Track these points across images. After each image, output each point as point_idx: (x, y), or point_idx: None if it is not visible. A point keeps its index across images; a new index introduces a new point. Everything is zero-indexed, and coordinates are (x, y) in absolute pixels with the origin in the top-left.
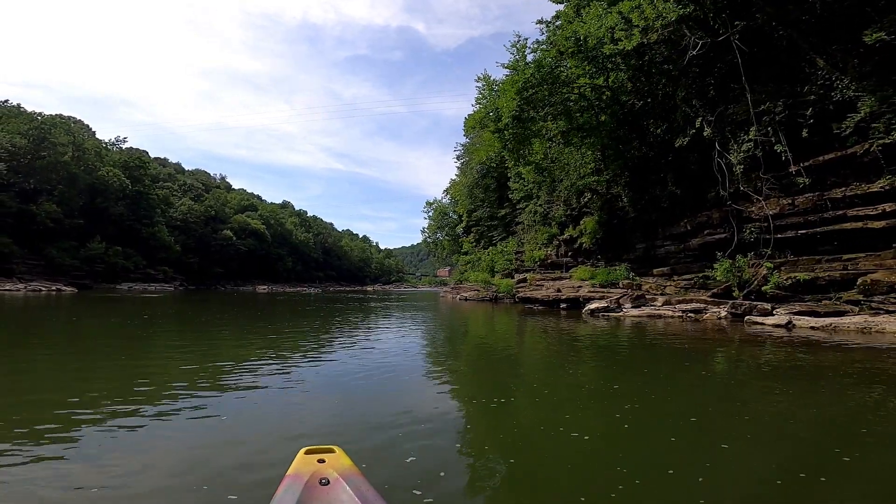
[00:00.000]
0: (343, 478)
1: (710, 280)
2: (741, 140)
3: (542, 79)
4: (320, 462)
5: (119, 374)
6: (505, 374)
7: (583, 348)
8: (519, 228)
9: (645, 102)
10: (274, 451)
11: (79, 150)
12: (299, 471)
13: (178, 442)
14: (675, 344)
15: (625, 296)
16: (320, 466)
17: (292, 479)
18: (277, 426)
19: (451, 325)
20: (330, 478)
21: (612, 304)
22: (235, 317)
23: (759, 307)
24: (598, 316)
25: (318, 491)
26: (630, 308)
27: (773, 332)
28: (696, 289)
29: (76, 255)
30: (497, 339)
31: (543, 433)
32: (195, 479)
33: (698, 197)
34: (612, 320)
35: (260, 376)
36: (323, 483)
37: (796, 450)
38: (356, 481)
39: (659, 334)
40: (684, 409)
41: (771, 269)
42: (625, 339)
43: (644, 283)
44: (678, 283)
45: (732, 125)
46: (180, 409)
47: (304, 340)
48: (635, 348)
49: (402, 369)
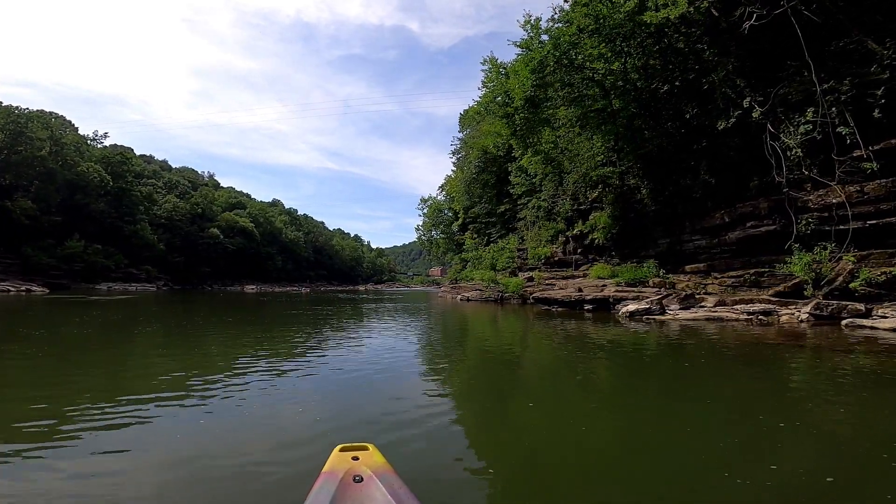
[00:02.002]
0: (377, 475)
1: (765, 277)
2: (796, 122)
3: (559, 58)
4: (354, 459)
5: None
6: (572, 407)
7: (647, 364)
8: (520, 225)
9: (672, 86)
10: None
11: (57, 145)
12: (334, 468)
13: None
14: (777, 356)
15: (668, 296)
16: (354, 464)
17: (327, 476)
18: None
19: (463, 332)
20: (364, 475)
21: (654, 305)
22: (197, 325)
23: (850, 307)
24: (639, 319)
25: (351, 488)
26: (678, 309)
27: (889, 339)
28: (746, 287)
29: (53, 254)
30: (530, 352)
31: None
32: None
33: (738, 186)
34: (657, 324)
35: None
36: (357, 480)
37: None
38: (389, 479)
39: (735, 342)
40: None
41: (855, 263)
42: (697, 349)
43: (678, 282)
44: (722, 280)
45: (786, 106)
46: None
47: (291, 359)
48: (724, 364)
49: (425, 412)
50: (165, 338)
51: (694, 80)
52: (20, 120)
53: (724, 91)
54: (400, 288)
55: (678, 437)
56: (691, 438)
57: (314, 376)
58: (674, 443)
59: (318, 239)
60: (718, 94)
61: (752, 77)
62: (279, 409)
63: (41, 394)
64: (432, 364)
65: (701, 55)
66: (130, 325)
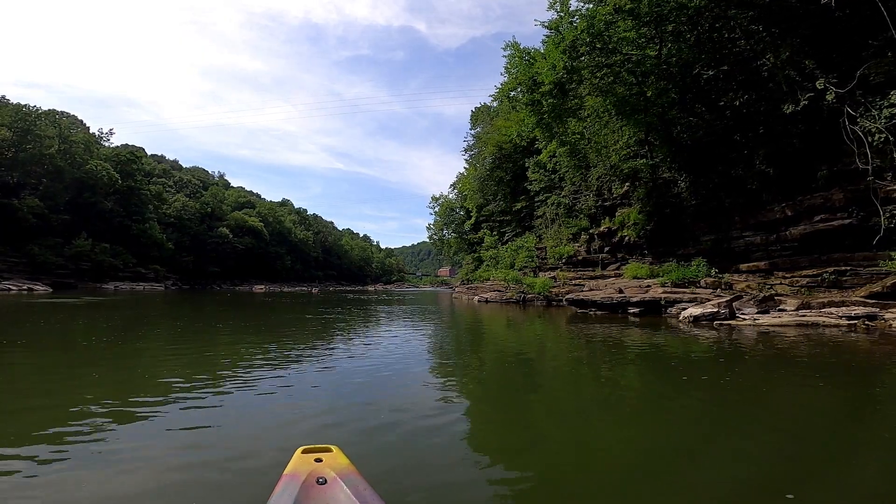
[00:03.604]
0: (340, 477)
1: (848, 276)
2: (878, 105)
3: (594, 38)
4: (317, 461)
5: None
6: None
7: (760, 390)
8: (538, 223)
9: (717, 71)
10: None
11: (66, 143)
12: (296, 470)
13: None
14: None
15: (738, 298)
16: (317, 466)
17: (289, 479)
18: None
19: (493, 342)
20: (327, 477)
21: (722, 308)
22: (195, 329)
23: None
24: (706, 325)
25: (315, 490)
26: (754, 313)
27: None
28: (823, 288)
29: (60, 253)
30: (584, 372)
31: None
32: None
33: (802, 176)
34: (730, 331)
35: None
36: (320, 482)
37: None
38: (354, 480)
39: (866, 357)
40: None
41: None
42: (817, 367)
43: (734, 282)
44: (793, 280)
45: (865, 88)
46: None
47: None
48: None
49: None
50: (147, 345)
51: (746, 64)
52: (28, 118)
53: (787, 73)
54: (409, 288)
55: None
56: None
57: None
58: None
59: (327, 239)
60: (781, 76)
61: (820, 58)
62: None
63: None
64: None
65: (755, 36)
66: (117, 332)
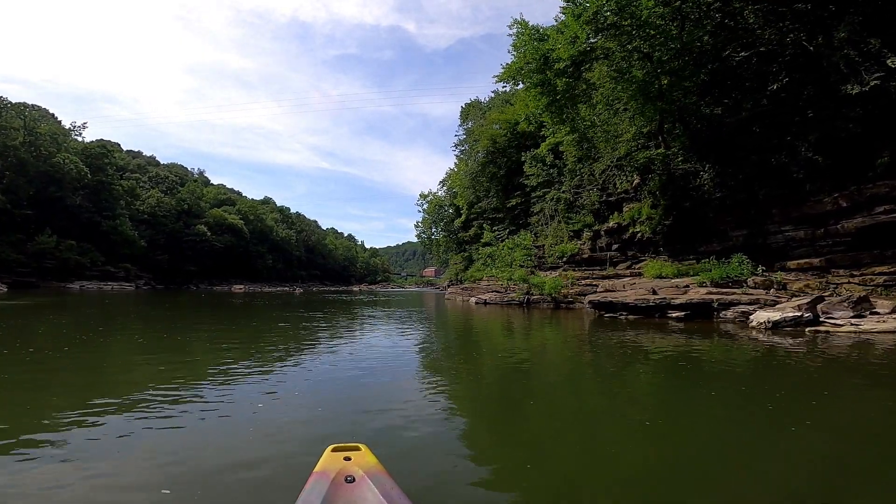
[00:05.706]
0: (368, 476)
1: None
2: None
3: (622, 7)
4: (346, 460)
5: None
6: None
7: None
8: (534, 220)
9: (752, 52)
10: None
11: (31, 135)
12: (326, 468)
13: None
14: None
15: (822, 300)
16: (346, 464)
17: (318, 477)
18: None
19: (539, 373)
20: (356, 475)
21: (805, 311)
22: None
23: None
24: (787, 332)
25: (343, 489)
26: (849, 318)
27: None
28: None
29: (22, 250)
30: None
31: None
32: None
33: (857, 164)
34: (825, 339)
35: None
36: (348, 481)
37: None
38: (381, 479)
39: None
40: None
41: None
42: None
43: (787, 281)
44: (864, 279)
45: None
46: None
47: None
48: None
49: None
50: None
51: (790, 44)
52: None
53: (846, 53)
54: (394, 289)
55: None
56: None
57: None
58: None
59: (310, 238)
60: (838, 56)
61: (886, 37)
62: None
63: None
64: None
65: (803, 15)
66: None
